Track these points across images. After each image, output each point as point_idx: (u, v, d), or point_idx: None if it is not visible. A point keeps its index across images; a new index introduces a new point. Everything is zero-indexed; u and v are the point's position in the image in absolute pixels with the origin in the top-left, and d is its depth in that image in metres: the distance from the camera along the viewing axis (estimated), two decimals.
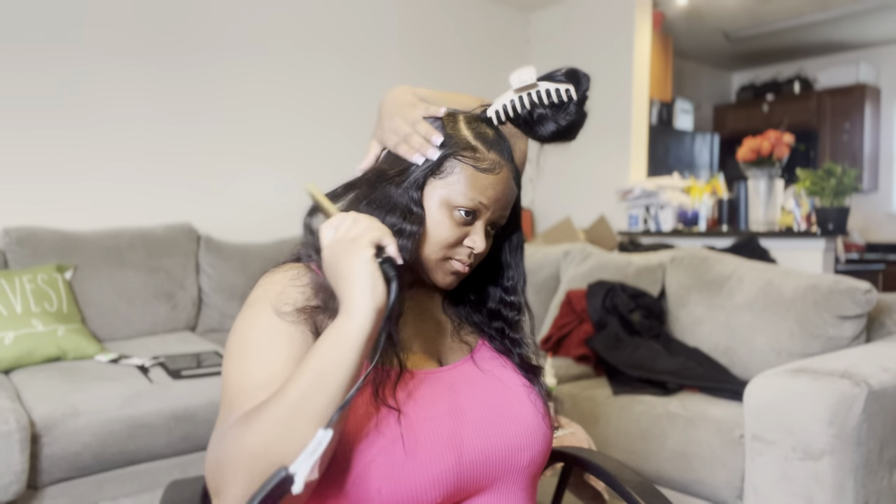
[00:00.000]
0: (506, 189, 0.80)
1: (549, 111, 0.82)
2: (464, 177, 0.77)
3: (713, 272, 2.18)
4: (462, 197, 0.76)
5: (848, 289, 1.84)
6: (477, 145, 0.78)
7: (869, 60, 5.78)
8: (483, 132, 0.80)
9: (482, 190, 0.77)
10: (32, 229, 2.43)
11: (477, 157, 0.77)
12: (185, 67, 2.99)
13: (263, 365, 0.67)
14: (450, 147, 0.78)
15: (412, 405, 0.74)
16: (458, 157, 0.78)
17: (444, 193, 0.77)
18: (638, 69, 4.05)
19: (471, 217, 0.77)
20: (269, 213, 3.17)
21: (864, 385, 1.40)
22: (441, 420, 0.74)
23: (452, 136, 0.78)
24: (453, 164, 0.78)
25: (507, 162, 0.80)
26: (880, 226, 5.65)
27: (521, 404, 0.80)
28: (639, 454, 1.80)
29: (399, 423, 0.71)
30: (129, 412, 1.79)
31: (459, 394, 0.78)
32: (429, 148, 0.77)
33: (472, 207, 0.77)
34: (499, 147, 0.80)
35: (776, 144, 3.22)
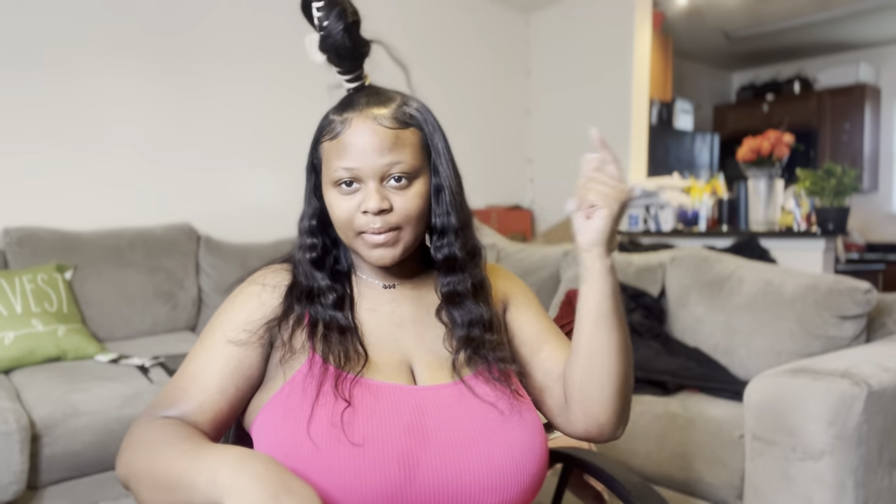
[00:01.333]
0: (365, 137, 0.74)
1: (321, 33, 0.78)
2: (326, 154, 0.77)
3: (713, 272, 2.18)
4: (331, 172, 0.75)
5: (848, 289, 1.83)
6: (332, 118, 0.77)
7: (869, 60, 5.78)
8: (340, 102, 0.79)
9: (342, 154, 0.74)
10: (32, 229, 2.43)
11: (330, 129, 0.76)
12: (186, 67, 2.99)
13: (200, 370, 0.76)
14: (314, 138, 0.79)
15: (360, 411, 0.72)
16: (322, 139, 0.78)
17: (325, 179, 0.77)
18: (638, 69, 4.05)
19: (353, 184, 0.75)
20: (269, 213, 3.17)
21: (864, 385, 1.40)
22: (392, 435, 0.70)
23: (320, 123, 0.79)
24: (320, 149, 0.78)
25: (363, 108, 0.75)
26: (880, 226, 5.65)
27: (499, 444, 0.73)
28: (639, 454, 1.79)
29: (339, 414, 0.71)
30: (129, 412, 1.79)
31: (428, 416, 0.74)
32: None
33: (341, 178, 0.75)
34: (352, 103, 0.77)
35: (776, 144, 3.21)
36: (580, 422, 0.80)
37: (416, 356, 0.80)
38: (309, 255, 0.81)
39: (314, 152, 0.80)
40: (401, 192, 0.75)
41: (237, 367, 0.76)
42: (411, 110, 0.77)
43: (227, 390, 0.76)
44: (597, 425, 0.79)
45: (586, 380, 0.78)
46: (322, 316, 0.78)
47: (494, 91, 4.36)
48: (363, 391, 0.74)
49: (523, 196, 4.58)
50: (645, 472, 1.78)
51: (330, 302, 0.79)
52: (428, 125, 0.78)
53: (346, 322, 0.78)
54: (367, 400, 0.73)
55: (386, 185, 0.75)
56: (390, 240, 0.75)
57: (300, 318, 0.79)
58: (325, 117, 0.79)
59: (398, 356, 0.79)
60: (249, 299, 0.79)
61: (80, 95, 2.70)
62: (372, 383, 0.75)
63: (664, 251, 2.50)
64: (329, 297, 0.79)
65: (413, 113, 0.77)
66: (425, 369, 0.79)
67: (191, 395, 0.75)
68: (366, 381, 0.75)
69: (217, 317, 0.80)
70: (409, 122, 0.76)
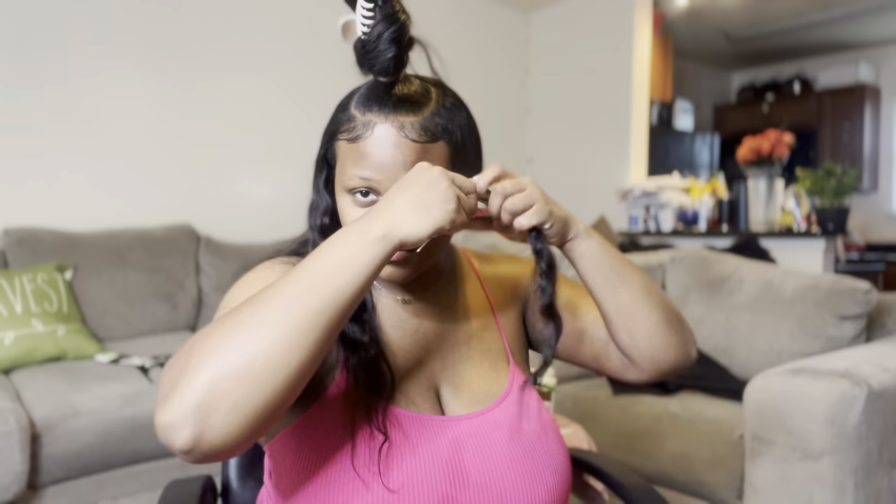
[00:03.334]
0: (387, 149, 0.64)
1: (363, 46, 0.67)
2: (342, 155, 0.68)
3: (713, 272, 2.18)
4: (346, 178, 0.67)
5: (848, 289, 1.83)
6: (353, 114, 0.67)
7: (869, 60, 5.78)
8: (365, 93, 0.68)
9: (359, 162, 0.65)
10: (32, 229, 2.43)
11: (350, 128, 0.67)
12: (186, 67, 2.99)
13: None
14: (329, 129, 0.70)
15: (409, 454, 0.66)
16: (336, 137, 0.69)
17: (339, 181, 0.69)
18: (638, 69, 4.05)
19: (368, 195, 0.67)
20: (269, 213, 3.17)
21: (864, 385, 1.39)
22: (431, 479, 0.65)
23: (336, 113, 0.70)
24: (335, 146, 0.69)
25: (390, 112, 0.65)
26: (880, 226, 5.65)
27: (538, 478, 0.70)
28: (639, 454, 1.79)
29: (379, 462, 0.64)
30: (129, 412, 1.79)
31: (465, 454, 0.68)
32: None
33: (356, 187, 0.66)
34: (380, 99, 0.66)
35: (776, 144, 3.22)
36: (653, 369, 0.78)
37: (442, 379, 0.74)
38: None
39: (329, 145, 0.71)
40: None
41: None
42: (444, 119, 0.68)
43: None
44: (669, 364, 0.77)
45: (632, 338, 0.75)
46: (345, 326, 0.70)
47: (494, 90, 4.36)
48: (395, 424, 0.67)
49: None
50: (645, 472, 1.78)
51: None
52: (460, 137, 0.69)
53: (371, 335, 0.70)
54: (401, 435, 0.67)
55: None
56: (401, 259, 0.68)
57: None
58: (344, 106, 0.69)
59: (425, 380, 0.73)
60: (271, 277, 0.69)
61: (81, 95, 2.70)
62: (405, 414, 0.69)
63: (664, 251, 2.50)
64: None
65: (446, 123, 0.68)
66: (452, 394, 0.74)
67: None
68: (397, 411, 0.68)
69: (233, 297, 0.68)
70: (439, 134, 0.67)
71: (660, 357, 0.75)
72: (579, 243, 0.72)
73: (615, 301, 0.73)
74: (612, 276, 0.73)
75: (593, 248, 0.72)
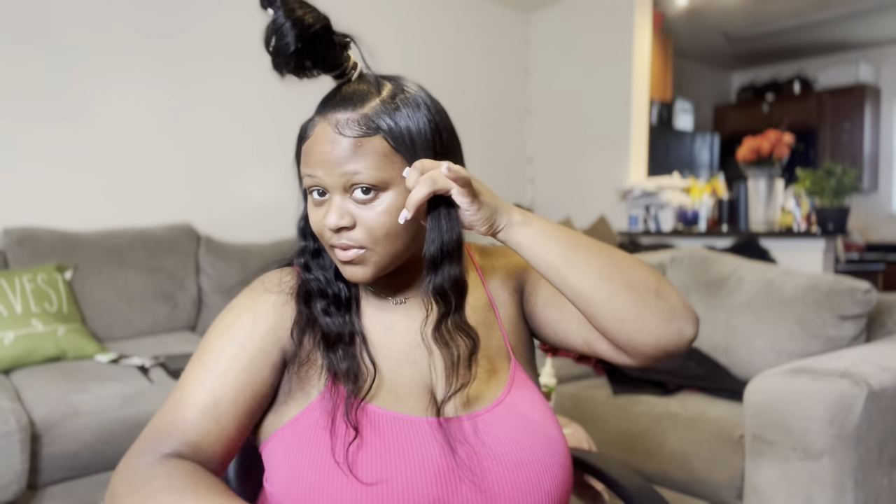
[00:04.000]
0: (322, 145, 0.66)
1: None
2: (301, 157, 0.70)
3: (713, 272, 2.18)
4: (302, 178, 0.70)
5: (848, 289, 1.83)
6: (310, 118, 0.71)
7: (869, 60, 5.78)
8: (324, 97, 0.71)
9: (306, 161, 0.68)
10: (32, 229, 2.43)
11: (303, 131, 0.70)
12: (186, 67, 2.99)
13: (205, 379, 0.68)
14: (299, 135, 0.73)
15: (383, 452, 0.66)
16: (303, 140, 0.71)
17: (304, 184, 0.71)
18: (638, 69, 4.05)
19: (323, 194, 0.68)
20: (269, 213, 3.17)
21: (864, 385, 1.39)
22: (422, 479, 0.65)
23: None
24: (300, 150, 0.72)
25: (329, 111, 0.67)
26: (880, 226, 5.65)
27: (535, 483, 0.69)
28: (639, 454, 1.79)
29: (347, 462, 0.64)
30: (129, 412, 1.79)
31: (459, 455, 0.68)
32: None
33: (308, 185, 0.69)
34: (326, 101, 0.69)
35: (776, 144, 3.22)
36: (639, 354, 0.70)
37: (437, 380, 0.74)
38: (301, 260, 0.76)
39: (298, 151, 0.73)
40: (365, 208, 0.67)
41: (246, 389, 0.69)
42: (386, 115, 0.66)
43: (240, 418, 0.69)
44: (653, 348, 0.69)
45: (600, 325, 0.69)
46: (322, 321, 0.72)
47: (494, 90, 4.36)
48: (384, 422, 0.68)
49: (523, 196, 4.58)
50: (645, 472, 1.78)
51: (326, 307, 0.73)
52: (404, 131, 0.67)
53: (353, 330, 0.72)
54: (380, 432, 0.67)
55: (351, 198, 0.67)
56: (357, 258, 0.68)
57: (312, 324, 0.73)
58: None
59: (419, 381, 0.73)
60: (241, 314, 0.71)
61: (81, 96, 2.70)
62: (394, 416, 0.69)
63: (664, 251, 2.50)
64: (328, 299, 0.73)
65: (387, 118, 0.66)
66: (447, 395, 0.73)
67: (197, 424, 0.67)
68: (380, 411, 0.69)
69: (211, 336, 0.71)
70: (374, 129, 0.66)
71: (638, 342, 0.68)
72: (514, 232, 0.67)
73: (569, 290, 0.68)
74: (559, 264, 0.67)
75: (530, 237, 0.67)
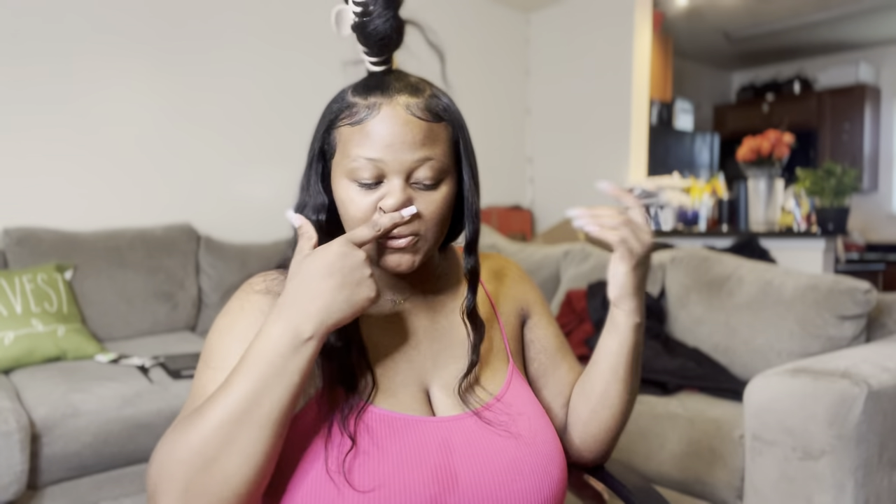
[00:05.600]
0: (395, 126, 0.64)
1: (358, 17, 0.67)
2: (344, 141, 0.67)
3: (713, 272, 2.18)
4: (349, 162, 0.66)
5: (848, 289, 1.83)
6: (353, 100, 0.67)
7: (869, 60, 5.78)
8: (363, 83, 0.69)
9: (365, 143, 0.65)
10: (32, 229, 2.43)
11: (352, 113, 0.66)
12: (185, 67, 2.99)
13: (218, 378, 0.65)
14: (325, 120, 0.70)
15: (378, 457, 0.64)
16: (337, 123, 0.68)
17: (340, 169, 0.67)
18: (638, 69, 4.05)
19: (375, 180, 0.66)
20: (269, 213, 3.17)
21: (864, 385, 1.39)
22: (418, 480, 0.64)
23: (331, 105, 0.70)
24: (335, 134, 0.68)
25: (394, 94, 0.66)
26: (880, 226, 5.65)
27: (530, 479, 0.68)
28: (639, 454, 1.79)
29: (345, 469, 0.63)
30: (129, 412, 1.79)
31: (455, 456, 0.67)
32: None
33: (360, 169, 0.65)
34: (381, 85, 0.67)
35: (776, 144, 3.22)
36: (574, 448, 0.83)
37: (433, 379, 0.73)
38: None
39: (326, 136, 0.69)
40: (427, 194, 0.67)
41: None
42: (443, 103, 0.69)
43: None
44: (588, 455, 0.83)
45: (592, 419, 0.80)
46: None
47: (494, 90, 4.36)
48: (379, 424, 0.66)
49: (523, 196, 4.58)
50: (645, 472, 1.78)
51: None
52: (458, 120, 0.71)
53: (348, 340, 0.69)
54: (377, 436, 0.66)
55: (411, 185, 0.66)
56: (410, 245, 0.67)
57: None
58: (340, 98, 0.69)
59: (414, 380, 0.72)
60: (237, 316, 0.69)
61: (81, 96, 2.70)
62: (389, 415, 0.67)
63: (664, 251, 2.50)
64: None
65: (445, 106, 0.69)
66: (443, 394, 0.72)
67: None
68: (377, 411, 0.67)
69: (213, 340, 0.70)
70: (441, 115, 0.68)
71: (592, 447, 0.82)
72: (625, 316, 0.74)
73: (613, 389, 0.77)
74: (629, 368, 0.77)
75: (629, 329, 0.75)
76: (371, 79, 0.69)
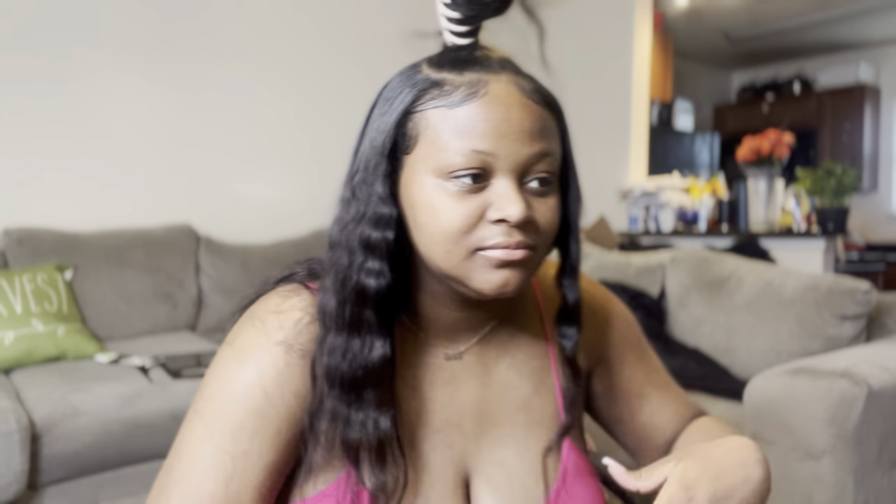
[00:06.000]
0: (511, 111, 0.49)
1: None
2: (434, 129, 0.50)
3: (713, 272, 2.18)
4: (445, 156, 0.49)
5: (848, 289, 1.83)
6: (442, 77, 0.51)
7: (869, 60, 5.78)
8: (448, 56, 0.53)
9: (469, 131, 0.49)
10: (32, 229, 2.43)
11: (444, 92, 0.50)
12: (186, 67, 2.99)
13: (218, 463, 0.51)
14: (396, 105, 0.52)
15: None
16: (419, 107, 0.51)
17: (425, 166, 0.51)
18: (638, 69, 4.05)
19: (479, 179, 0.50)
20: (269, 213, 3.17)
21: (864, 385, 1.39)
22: None
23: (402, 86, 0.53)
24: (417, 120, 0.51)
25: (500, 70, 0.51)
26: (880, 226, 5.65)
27: None
28: None
29: None
30: (129, 412, 1.78)
31: None
32: None
33: (469, 164, 0.49)
34: (478, 61, 0.52)
35: (776, 144, 3.22)
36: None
37: (477, 468, 0.56)
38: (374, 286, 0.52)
39: (402, 125, 0.52)
40: (543, 201, 0.52)
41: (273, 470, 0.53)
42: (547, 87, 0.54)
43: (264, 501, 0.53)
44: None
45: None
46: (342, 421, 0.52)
47: None
48: None
49: None
50: None
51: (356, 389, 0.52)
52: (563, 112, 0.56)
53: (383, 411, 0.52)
54: None
55: (524, 187, 0.52)
56: (525, 259, 0.51)
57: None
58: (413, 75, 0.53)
59: (453, 465, 0.56)
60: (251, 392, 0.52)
61: (81, 96, 2.70)
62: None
63: (664, 251, 2.50)
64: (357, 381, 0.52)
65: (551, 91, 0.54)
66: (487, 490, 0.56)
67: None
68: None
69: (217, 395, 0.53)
70: (551, 102, 0.54)
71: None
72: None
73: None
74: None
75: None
76: (460, 51, 0.53)
